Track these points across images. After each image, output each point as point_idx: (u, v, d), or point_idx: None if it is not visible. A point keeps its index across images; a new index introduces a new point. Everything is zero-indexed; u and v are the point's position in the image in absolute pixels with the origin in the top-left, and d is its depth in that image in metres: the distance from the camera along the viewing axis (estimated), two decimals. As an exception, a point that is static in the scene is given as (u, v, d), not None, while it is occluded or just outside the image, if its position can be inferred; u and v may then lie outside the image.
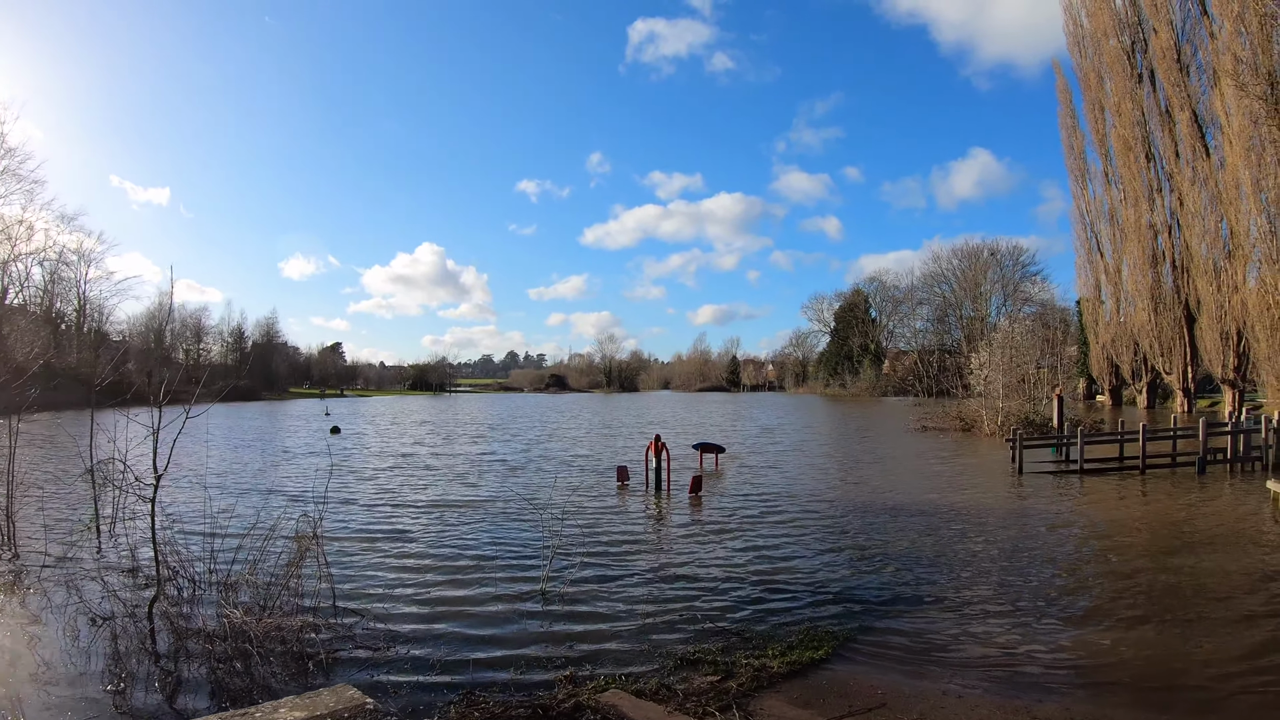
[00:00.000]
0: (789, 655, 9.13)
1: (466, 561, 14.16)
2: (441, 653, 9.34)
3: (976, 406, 45.07)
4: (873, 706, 7.75)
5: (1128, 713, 7.84)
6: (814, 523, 18.21)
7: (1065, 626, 10.77)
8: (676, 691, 7.92)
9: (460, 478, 25.52)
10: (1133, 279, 60.45)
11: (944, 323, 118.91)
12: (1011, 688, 8.52)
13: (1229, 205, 40.71)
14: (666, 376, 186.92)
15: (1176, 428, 28.43)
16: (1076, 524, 18.13)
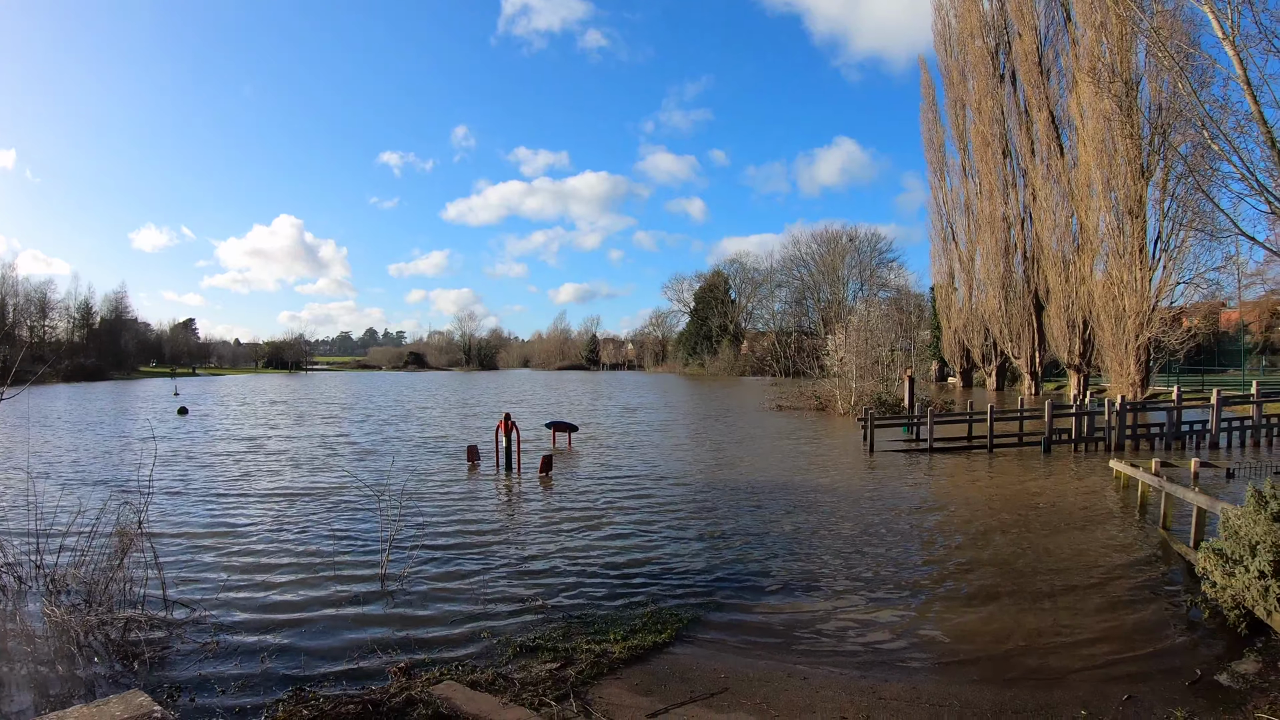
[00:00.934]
0: (631, 640, 8.95)
1: (305, 551, 13.38)
2: (274, 647, 8.77)
3: (831, 387, 46.49)
4: (715, 691, 7.66)
5: (974, 689, 7.96)
6: (664, 502, 18.13)
7: (914, 604, 10.90)
8: (513, 681, 7.66)
9: (307, 463, 24.15)
10: (985, 268, 63.39)
11: (802, 305, 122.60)
12: (858, 667, 8.57)
13: (1080, 202, 43.13)
14: (526, 355, 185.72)
15: (1023, 409, 29.42)
16: (927, 501, 18.53)
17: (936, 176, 73.66)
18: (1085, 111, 40.58)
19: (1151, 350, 38.52)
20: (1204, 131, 11.51)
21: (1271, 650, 8.31)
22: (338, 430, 35.63)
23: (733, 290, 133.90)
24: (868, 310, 53.54)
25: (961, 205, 69.26)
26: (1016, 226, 59.13)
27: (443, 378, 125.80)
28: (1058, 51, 49.58)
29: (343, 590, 11.09)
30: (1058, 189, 48.42)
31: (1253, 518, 8.39)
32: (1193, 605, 10.20)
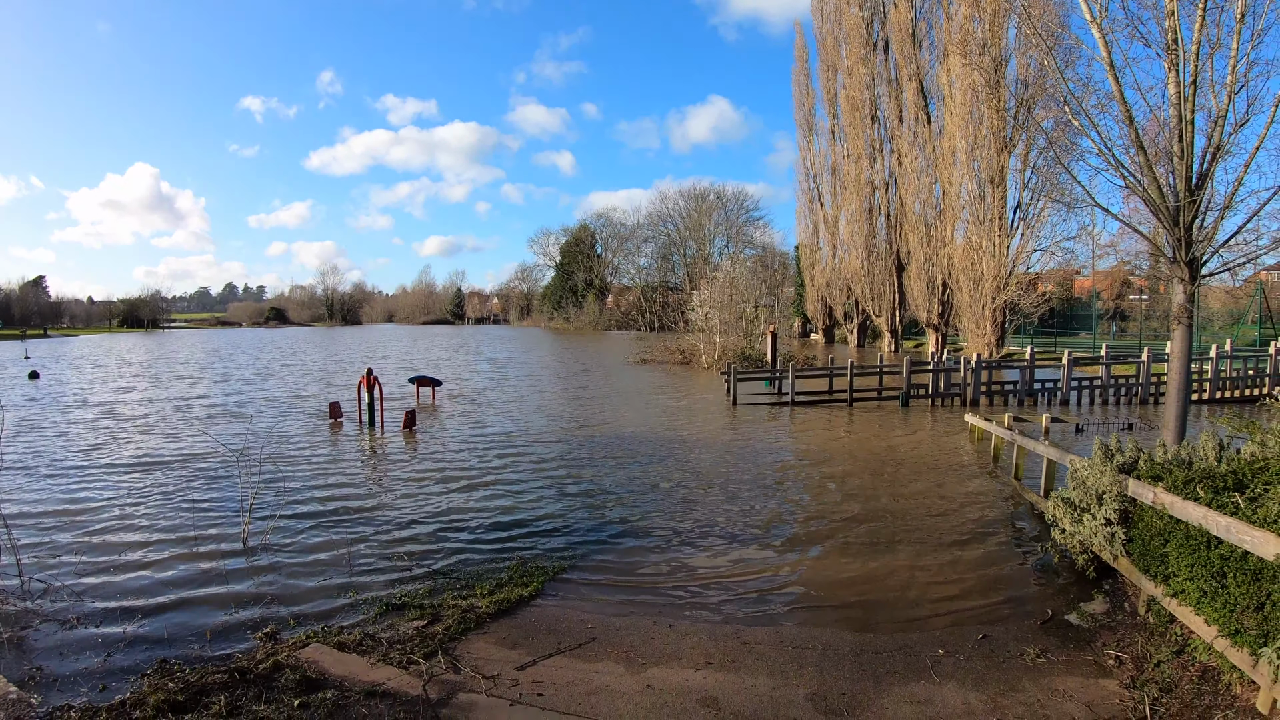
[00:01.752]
0: (498, 594, 8.94)
1: (165, 521, 12.56)
2: (136, 621, 8.25)
3: (695, 341, 46.95)
4: (582, 642, 7.72)
5: (835, 632, 8.19)
6: (529, 457, 18.01)
7: (776, 553, 11.13)
8: (381, 640, 7.54)
9: (165, 428, 22.47)
10: (849, 229, 65.43)
11: (668, 261, 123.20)
12: (723, 614, 8.73)
13: (944, 169, 44.90)
14: (390, 309, 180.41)
15: (883, 365, 30.32)
16: (789, 453, 18.96)
17: (805, 139, 75.46)
18: (954, 83, 42.06)
19: (1007, 312, 40.73)
20: (1066, 108, 11.99)
21: (1118, 591, 8.89)
22: (196, 392, 33.52)
23: (599, 245, 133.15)
24: (733, 267, 54.32)
25: (829, 167, 71.12)
26: (881, 190, 60.99)
27: (305, 333, 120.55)
28: (931, 24, 51.03)
29: (205, 559, 10.53)
30: (923, 156, 50.09)
31: (1099, 469, 8.89)
32: (1043, 551, 10.79)
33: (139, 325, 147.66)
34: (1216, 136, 10.75)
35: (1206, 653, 6.46)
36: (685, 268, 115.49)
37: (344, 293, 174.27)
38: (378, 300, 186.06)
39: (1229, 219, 11.12)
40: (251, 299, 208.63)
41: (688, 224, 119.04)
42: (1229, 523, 6.05)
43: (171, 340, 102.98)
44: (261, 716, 5.98)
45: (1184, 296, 11.60)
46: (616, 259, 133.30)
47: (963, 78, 40.68)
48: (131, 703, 6.25)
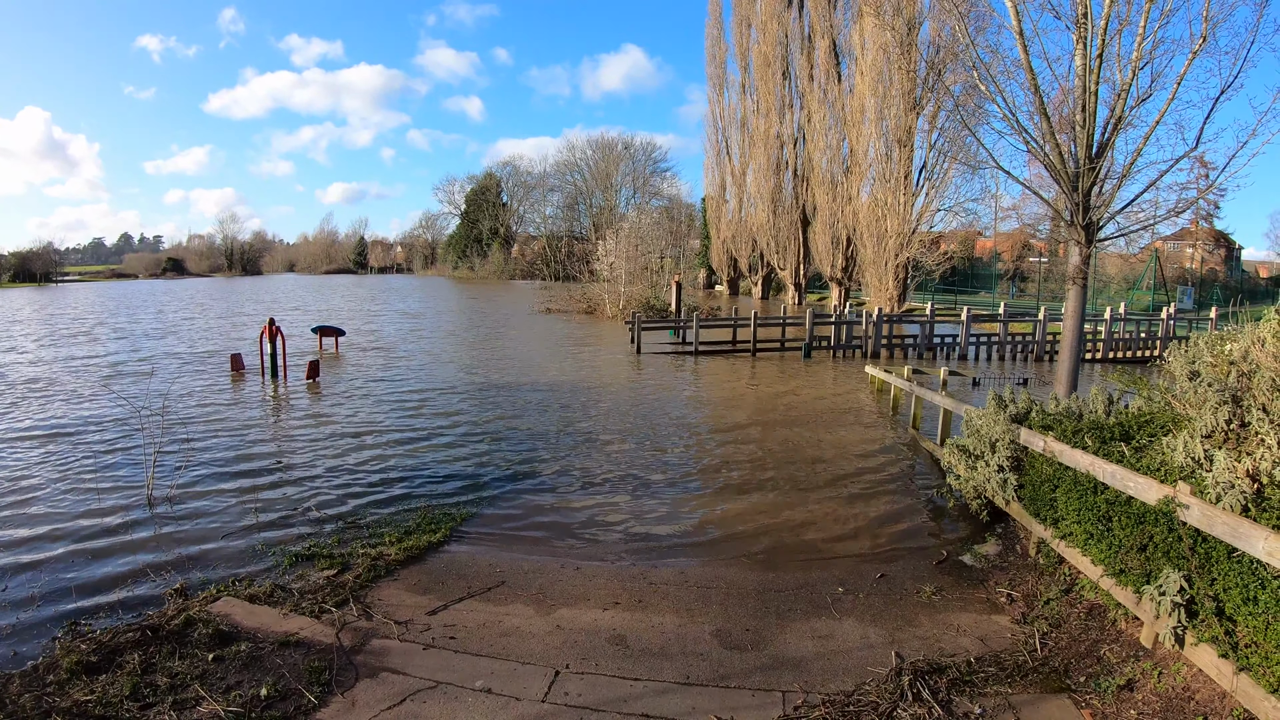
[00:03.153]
0: (406, 541, 8.97)
1: (63, 472, 12.06)
2: (42, 583, 7.87)
3: (600, 291, 47.11)
4: (492, 585, 7.82)
5: (739, 571, 8.47)
6: (434, 405, 17.93)
7: (681, 496, 11.39)
8: (292, 591, 7.48)
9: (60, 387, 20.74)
10: (757, 183, 66.05)
11: (574, 210, 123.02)
12: (629, 556, 8.94)
13: (852, 127, 45.61)
14: (292, 258, 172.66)
15: (786, 317, 31.15)
16: (692, 401, 19.32)
17: (716, 91, 75.60)
18: (866, 44, 42.55)
19: (910, 269, 41.89)
20: (975, 73, 12.29)
21: (1009, 535, 9.39)
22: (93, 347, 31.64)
23: (505, 194, 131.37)
24: (639, 217, 54.42)
25: (738, 121, 71.40)
26: (790, 145, 61.62)
27: (204, 284, 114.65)
28: (847, -17, 51.27)
29: (109, 516, 10.08)
30: (832, 113, 50.73)
31: (993, 418, 9.31)
32: (940, 496, 11.34)
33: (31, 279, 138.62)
34: (1119, 109, 11.22)
35: (1093, 591, 6.90)
36: (591, 218, 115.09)
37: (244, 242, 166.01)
38: (279, 250, 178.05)
39: (1126, 187, 11.69)
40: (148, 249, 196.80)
41: (595, 174, 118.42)
42: (1115, 470, 6.42)
43: (66, 294, 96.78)
44: (177, 672, 5.85)
45: (1080, 258, 12.18)
46: (522, 208, 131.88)
47: (875, 38, 41.19)
48: (44, 667, 6.02)
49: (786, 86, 61.16)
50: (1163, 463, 6.12)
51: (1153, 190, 11.65)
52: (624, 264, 45.93)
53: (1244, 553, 4.86)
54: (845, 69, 50.09)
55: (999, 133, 12.59)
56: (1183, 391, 6.58)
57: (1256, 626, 4.74)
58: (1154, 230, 12.80)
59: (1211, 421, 5.88)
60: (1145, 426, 7.34)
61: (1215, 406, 5.88)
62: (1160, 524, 5.73)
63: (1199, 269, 63.09)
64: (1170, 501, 5.53)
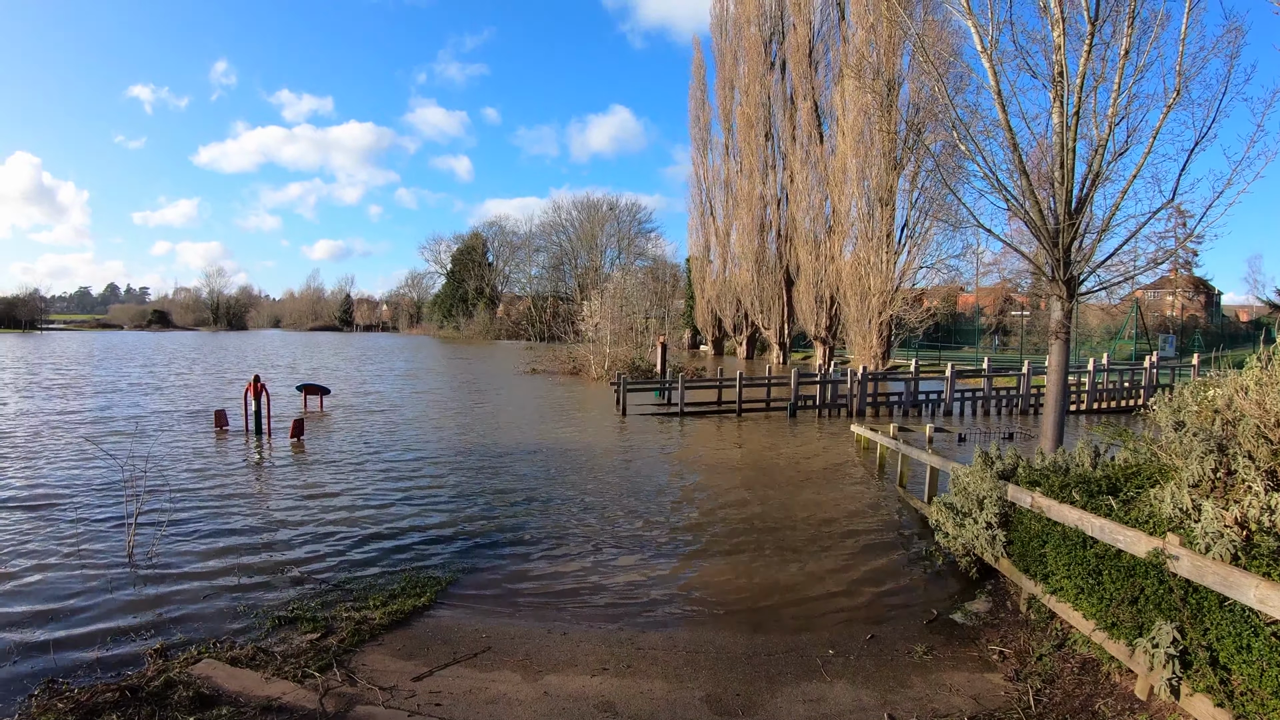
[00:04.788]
0: (391, 605, 8.84)
1: (42, 527, 11.94)
2: (18, 642, 7.72)
3: (585, 351, 46.90)
4: (478, 651, 7.69)
5: (728, 635, 8.34)
6: (419, 467, 17.76)
7: (668, 560, 11.26)
8: (274, 654, 7.34)
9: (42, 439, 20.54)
10: (740, 242, 66.57)
11: (559, 270, 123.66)
12: (617, 621, 8.80)
13: (835, 187, 46.14)
14: (278, 314, 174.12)
15: (771, 377, 30.90)
16: (678, 462, 19.16)
17: (700, 153, 76.82)
18: (848, 105, 43.23)
19: (893, 326, 42.06)
20: (955, 133, 12.49)
21: (1000, 591, 9.30)
22: (76, 401, 31.44)
23: (491, 253, 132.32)
24: (624, 278, 54.60)
25: (722, 182, 72.39)
26: (773, 206, 62.24)
27: (189, 338, 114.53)
28: (828, 46, 52.14)
29: (89, 574, 9.89)
30: (815, 174, 51.39)
31: (980, 475, 9.29)
32: (928, 554, 11.20)
33: (16, 326, 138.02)
34: (1096, 164, 11.43)
35: (1086, 645, 6.82)
36: (577, 278, 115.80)
37: (230, 296, 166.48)
38: (264, 305, 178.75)
39: (1105, 241, 11.85)
40: (134, 300, 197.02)
41: (580, 234, 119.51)
42: (1103, 523, 6.39)
43: (51, 343, 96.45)
44: (157, 736, 5.71)
45: (1062, 313, 12.28)
46: (508, 268, 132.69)
47: (856, 100, 41.92)
48: (20, 725, 5.89)
49: (769, 147, 62.08)
50: (1151, 514, 6.10)
51: (1132, 241, 11.81)
52: (609, 324, 45.94)
53: (1236, 601, 4.83)
54: (827, 129, 50.86)
55: (979, 191, 12.76)
56: (1168, 442, 6.59)
57: (1251, 674, 4.68)
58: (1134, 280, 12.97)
59: (1198, 471, 5.88)
60: (1132, 478, 7.32)
61: (1201, 456, 5.87)
62: (1151, 576, 5.68)
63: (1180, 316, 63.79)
64: (1160, 553, 5.49)
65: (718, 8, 68.96)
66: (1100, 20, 11.11)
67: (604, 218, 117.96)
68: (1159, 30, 10.86)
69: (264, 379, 21.84)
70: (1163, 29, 10.85)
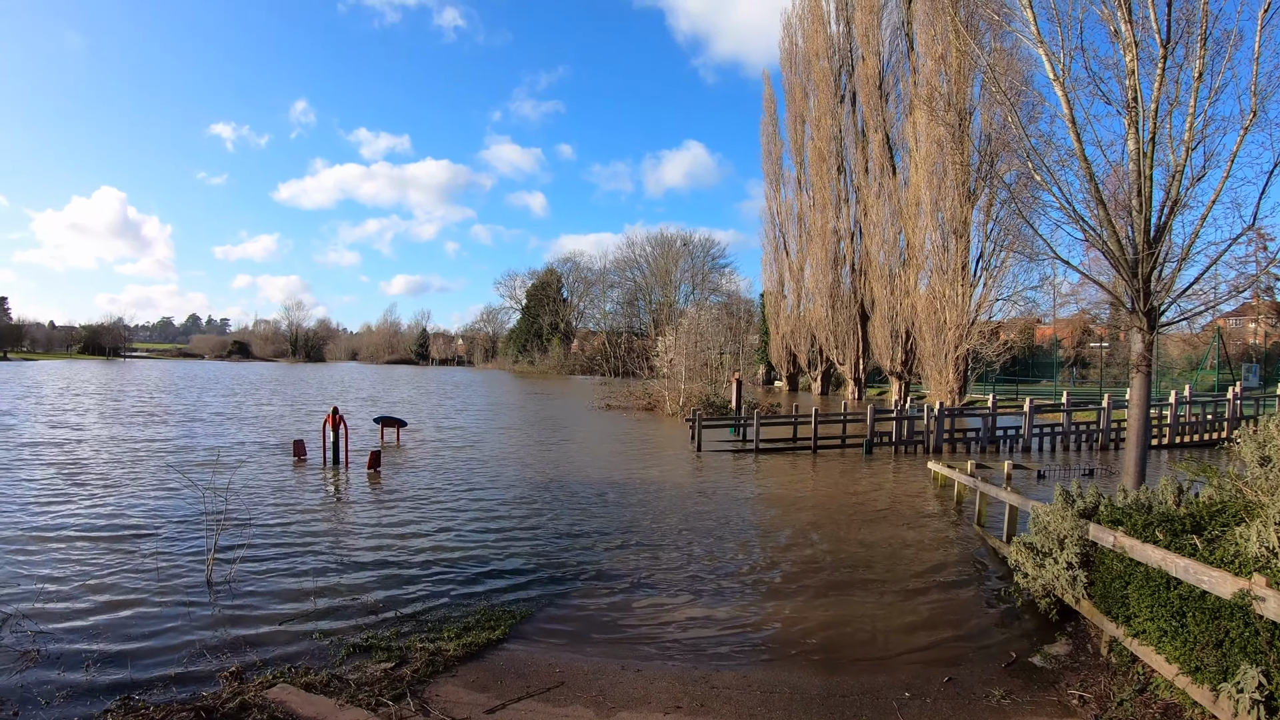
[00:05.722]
0: (465, 637, 8.86)
1: (127, 549, 12.43)
2: (98, 652, 8.08)
3: (660, 387, 46.92)
4: (551, 686, 7.65)
5: (802, 675, 8.18)
6: (495, 499, 17.90)
7: (743, 597, 11.12)
8: (349, 682, 7.43)
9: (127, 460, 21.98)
10: (814, 278, 66.23)
11: (634, 306, 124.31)
12: (690, 658, 8.69)
13: (908, 220, 45.69)
14: (355, 347, 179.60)
15: (847, 413, 30.48)
16: (754, 499, 18.97)
17: (772, 188, 76.66)
18: (920, 136, 42.95)
19: (970, 360, 41.21)
20: (1029, 163, 12.28)
21: (1080, 633, 8.97)
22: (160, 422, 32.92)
23: (565, 289, 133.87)
24: (698, 313, 54.60)
25: (795, 216, 72.07)
26: (846, 240, 61.82)
27: (268, 369, 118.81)
28: (898, 78, 52.20)
29: (169, 591, 10.32)
30: (888, 207, 50.93)
31: (1061, 514, 9.02)
32: (1007, 595, 10.85)
33: (100, 353, 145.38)
34: (1174, 191, 11.11)
35: (1169, 690, 6.53)
36: (651, 314, 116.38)
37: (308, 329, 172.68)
38: (342, 338, 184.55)
39: (1186, 270, 11.47)
40: (215, 331, 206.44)
41: (654, 270, 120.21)
42: (1188, 564, 6.15)
43: (134, 369, 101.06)
44: (230, 758, 5.87)
45: (1143, 345, 11.90)
46: (582, 303, 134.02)
47: (928, 131, 41.58)
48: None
49: (842, 181, 61.80)
50: (1236, 554, 5.85)
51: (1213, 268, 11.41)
52: (683, 360, 45.98)
53: (1326, 648, 4.58)
54: (899, 161, 50.49)
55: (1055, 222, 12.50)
56: (1254, 477, 6.33)
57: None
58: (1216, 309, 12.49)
59: (1285, 509, 5.62)
60: (1217, 516, 7.03)
61: (1288, 493, 5.62)
62: (1236, 618, 5.44)
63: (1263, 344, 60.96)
64: (1245, 595, 5.26)
65: (787, 42, 69.19)
66: (1172, 43, 10.85)
67: (678, 253, 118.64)
68: (1232, 50, 10.56)
69: (342, 411, 22.34)
70: (1235, 49, 10.55)
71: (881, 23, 54.03)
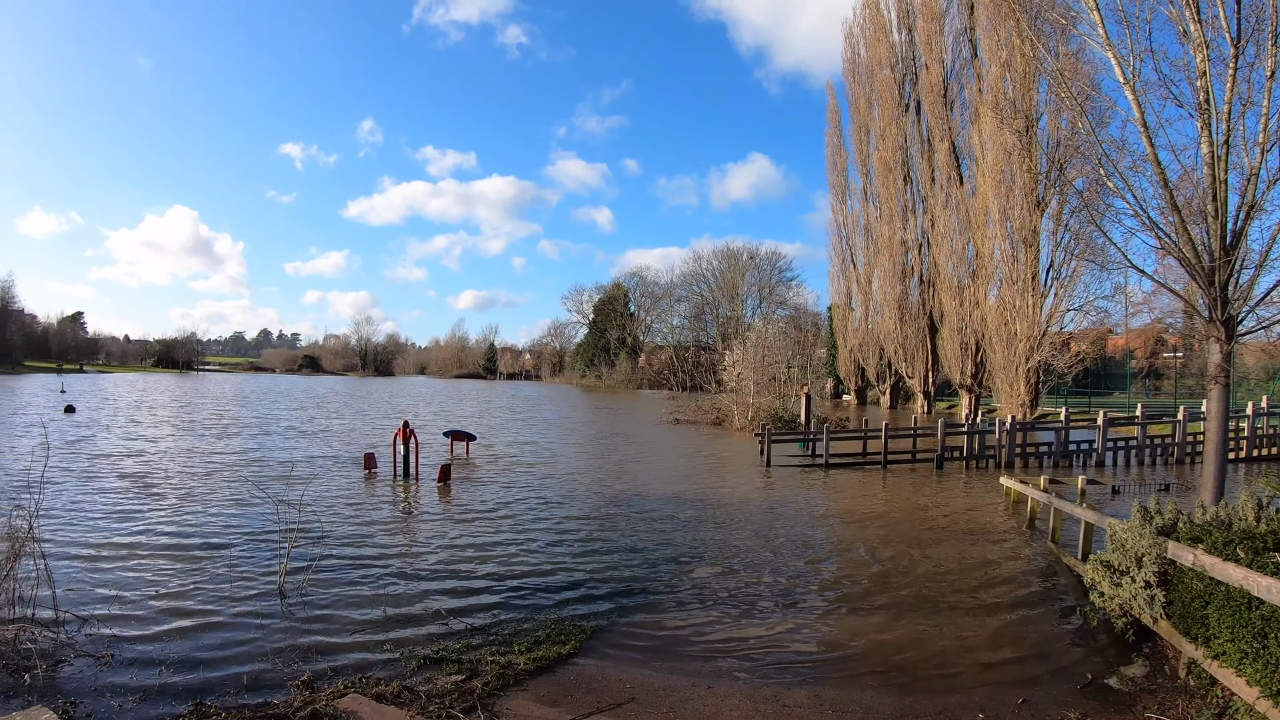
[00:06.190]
0: (536, 651, 8.87)
1: (200, 557, 12.83)
2: (171, 658, 8.34)
3: (728, 402, 46.63)
4: (622, 701, 7.61)
5: (875, 695, 8.06)
6: (565, 514, 17.97)
7: (814, 614, 11.01)
8: (419, 694, 7.50)
9: (200, 471, 22.69)
10: (882, 289, 65.29)
11: (701, 320, 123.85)
12: (762, 677, 8.59)
13: (977, 230, 44.83)
14: (423, 361, 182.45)
15: (917, 427, 30.07)
16: (824, 515, 18.79)
17: (838, 199, 75.75)
18: (986, 144, 42.16)
19: (1041, 373, 40.17)
20: (1100, 169, 12.02)
21: (1157, 654, 8.69)
22: (232, 434, 34.05)
23: (632, 303, 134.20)
24: (766, 327, 54.24)
25: (861, 228, 71.15)
26: (914, 251, 60.96)
27: (338, 383, 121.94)
28: (962, 85, 51.32)
29: (240, 599, 10.63)
30: (956, 216, 50.01)
31: (1139, 531, 8.77)
32: (1082, 614, 10.57)
33: (173, 366, 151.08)
34: (1250, 194, 10.75)
35: (1249, 715, 6.29)
36: (718, 327, 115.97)
37: (377, 344, 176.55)
38: (410, 352, 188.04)
39: (1263, 276, 11.08)
40: (285, 345, 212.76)
41: (721, 283, 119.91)
42: (1270, 583, 5.95)
43: (206, 382, 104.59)
44: (300, 765, 6.00)
45: (1220, 356, 11.50)
46: (650, 318, 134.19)
47: (995, 138, 40.79)
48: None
49: (908, 191, 60.97)
50: (1320, 573, 5.61)
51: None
52: (751, 374, 45.70)
53: None
54: (966, 170, 49.53)
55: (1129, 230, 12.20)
56: (1337, 494, 6.07)
57: None
58: (1294, 317, 12.02)
59: (1370, 527, 5.38)
60: (1301, 534, 6.77)
61: (1373, 510, 5.39)
62: (1321, 642, 5.21)
63: (1345, 352, 58.11)
64: (1329, 617, 5.04)
65: (849, 52, 68.44)
66: (1242, 41, 10.52)
67: (744, 267, 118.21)
68: (1303, 47, 10.20)
69: (412, 425, 22.74)
70: (1307, 45, 10.19)
71: (944, 29, 53.27)
